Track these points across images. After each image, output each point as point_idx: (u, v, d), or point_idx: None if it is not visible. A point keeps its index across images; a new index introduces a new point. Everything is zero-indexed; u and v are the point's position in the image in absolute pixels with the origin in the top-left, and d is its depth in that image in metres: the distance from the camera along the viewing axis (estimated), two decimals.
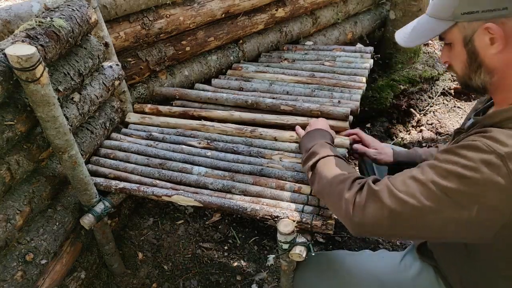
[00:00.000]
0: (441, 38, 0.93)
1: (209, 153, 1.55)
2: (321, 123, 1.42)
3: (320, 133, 1.33)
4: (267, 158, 1.50)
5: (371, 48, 2.28)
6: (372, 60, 2.16)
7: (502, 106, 0.86)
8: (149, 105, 1.87)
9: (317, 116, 1.67)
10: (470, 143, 0.79)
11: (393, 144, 2.37)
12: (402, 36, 1.00)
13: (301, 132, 1.49)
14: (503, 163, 0.74)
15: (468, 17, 0.83)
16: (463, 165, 0.78)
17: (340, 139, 1.52)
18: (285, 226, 1.16)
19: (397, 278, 1.14)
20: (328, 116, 1.66)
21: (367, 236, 0.94)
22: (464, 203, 0.78)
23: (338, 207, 0.96)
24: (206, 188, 1.40)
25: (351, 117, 1.67)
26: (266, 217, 1.25)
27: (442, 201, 0.80)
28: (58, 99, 1.20)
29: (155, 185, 1.43)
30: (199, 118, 1.79)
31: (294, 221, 1.21)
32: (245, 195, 1.36)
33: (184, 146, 1.60)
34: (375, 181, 0.92)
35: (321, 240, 1.92)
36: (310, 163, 1.15)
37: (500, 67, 0.84)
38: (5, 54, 1.00)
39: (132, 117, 1.82)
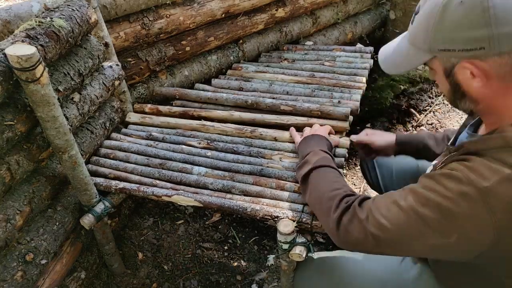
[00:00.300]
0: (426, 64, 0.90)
1: (209, 153, 1.55)
2: (321, 130, 1.43)
3: (316, 139, 1.33)
4: (267, 158, 1.50)
5: (371, 48, 2.27)
6: (372, 60, 2.16)
7: (491, 128, 0.84)
8: (149, 105, 1.87)
9: (318, 116, 1.67)
10: (451, 172, 0.79)
11: None
12: (384, 59, 1.00)
13: (295, 134, 1.50)
14: (481, 197, 0.73)
15: (446, 54, 0.80)
16: (443, 195, 0.78)
17: (341, 139, 1.52)
18: (285, 226, 1.16)
19: (398, 280, 1.14)
20: (328, 116, 1.66)
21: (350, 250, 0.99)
22: (443, 232, 0.79)
23: (325, 223, 1.01)
24: (206, 188, 1.40)
25: (351, 117, 1.67)
26: (266, 217, 1.25)
27: (422, 228, 0.81)
28: (58, 99, 1.20)
29: (155, 185, 1.43)
30: (199, 118, 1.79)
31: (294, 221, 1.21)
32: (245, 195, 1.36)
33: (184, 146, 1.60)
34: (361, 202, 0.94)
35: (321, 240, 1.92)
36: (302, 172, 1.17)
37: (485, 97, 0.82)
38: (5, 54, 1.00)
39: (132, 117, 1.82)
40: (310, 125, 1.57)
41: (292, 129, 1.58)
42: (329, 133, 1.48)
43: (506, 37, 0.71)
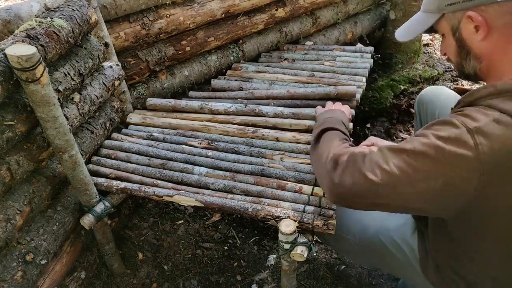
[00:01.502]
0: (436, 31, 0.99)
1: (210, 153, 1.55)
2: (343, 107, 1.48)
3: (337, 113, 1.37)
4: (268, 158, 1.50)
5: (371, 48, 2.27)
6: (372, 60, 2.16)
7: None
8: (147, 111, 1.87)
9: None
10: (446, 119, 0.85)
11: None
12: (399, 31, 1.08)
13: (321, 109, 1.53)
14: (471, 135, 0.78)
15: (451, 7, 0.89)
16: (436, 136, 0.82)
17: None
18: (287, 226, 1.16)
19: (380, 226, 1.22)
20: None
21: (343, 205, 1.01)
22: (430, 174, 0.82)
23: (323, 176, 1.02)
24: (207, 188, 1.40)
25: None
26: (267, 217, 1.25)
27: (411, 173, 0.84)
28: (58, 99, 1.19)
29: (156, 185, 1.42)
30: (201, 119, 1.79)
31: (295, 221, 1.20)
32: (246, 195, 1.36)
33: (185, 146, 1.60)
34: (359, 151, 0.97)
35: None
36: (316, 131, 1.21)
37: (486, 53, 0.88)
38: (5, 54, 0.99)
39: (133, 117, 1.81)
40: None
41: (319, 106, 1.62)
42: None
43: None
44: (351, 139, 1.30)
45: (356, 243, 1.27)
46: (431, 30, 1.00)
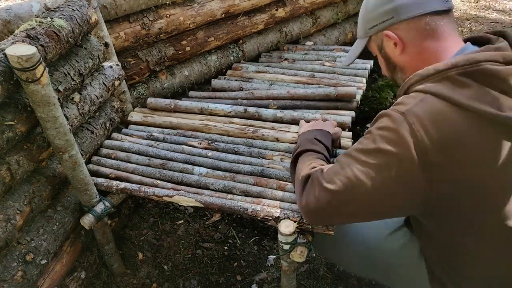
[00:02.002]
0: (371, 53, 1.12)
1: (210, 153, 1.55)
2: (325, 124, 1.46)
3: (317, 131, 1.37)
4: (268, 159, 1.50)
5: None
6: (372, 61, 2.16)
7: None
8: (148, 110, 1.87)
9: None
10: (381, 112, 0.93)
11: None
12: (345, 58, 1.22)
13: (303, 124, 1.52)
14: (404, 117, 0.85)
15: (373, 30, 1.03)
16: (377, 128, 0.90)
17: (342, 140, 1.53)
18: (286, 227, 1.16)
19: (382, 246, 1.22)
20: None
21: (321, 224, 1.08)
22: (383, 163, 0.87)
23: (296, 195, 1.08)
24: (207, 188, 1.40)
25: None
26: (267, 217, 1.25)
27: (365, 166, 0.89)
28: (58, 99, 1.19)
29: (156, 185, 1.42)
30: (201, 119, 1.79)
31: (295, 221, 1.20)
32: (246, 195, 1.36)
33: (185, 147, 1.60)
34: (322, 170, 1.00)
35: None
36: (293, 156, 1.25)
37: (408, 64, 1.01)
38: (5, 54, 0.99)
39: (134, 116, 1.81)
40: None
41: (302, 120, 1.60)
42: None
43: (405, 7, 0.95)
44: (332, 150, 1.32)
45: (357, 257, 1.27)
46: (367, 52, 1.13)
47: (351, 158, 0.93)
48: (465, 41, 0.97)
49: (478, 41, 0.96)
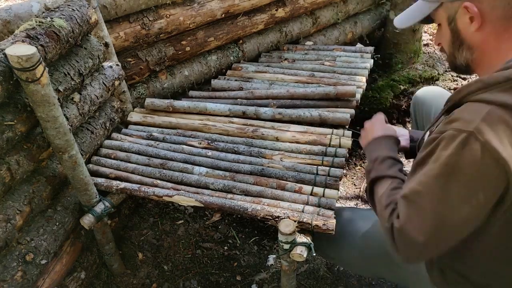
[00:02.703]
0: (433, 20, 1.01)
1: (209, 153, 1.55)
2: (380, 126, 1.33)
3: (382, 142, 1.25)
4: (268, 158, 1.50)
5: (371, 48, 2.27)
6: (372, 60, 2.16)
7: None
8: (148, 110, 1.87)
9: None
10: (443, 135, 0.84)
11: None
12: (398, 18, 1.10)
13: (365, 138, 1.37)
14: (474, 138, 0.78)
15: None
16: (445, 157, 0.81)
17: (342, 139, 1.53)
18: (286, 227, 1.16)
19: (380, 239, 1.15)
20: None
21: (422, 261, 1.03)
22: (465, 193, 0.80)
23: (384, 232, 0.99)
24: (207, 188, 1.40)
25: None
26: (267, 217, 1.25)
27: (449, 201, 0.82)
28: (58, 99, 1.19)
29: (156, 185, 1.42)
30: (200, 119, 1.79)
31: (295, 221, 1.20)
32: (246, 195, 1.36)
33: (184, 146, 1.60)
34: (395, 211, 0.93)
35: None
36: (368, 180, 1.15)
37: (479, 44, 0.91)
38: (5, 54, 0.99)
39: (134, 116, 1.81)
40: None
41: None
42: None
43: None
44: (399, 155, 1.23)
45: (359, 255, 1.26)
46: (428, 19, 1.01)
47: (425, 195, 0.84)
48: None
49: None
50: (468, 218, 0.83)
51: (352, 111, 1.71)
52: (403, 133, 1.42)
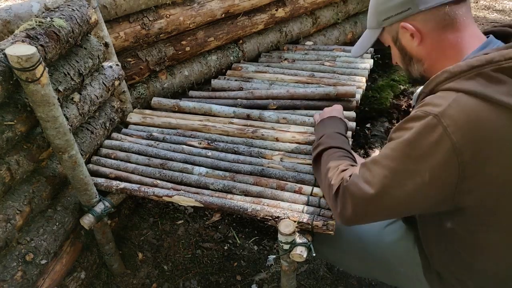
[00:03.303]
0: (383, 44, 1.10)
1: (209, 153, 1.55)
2: (336, 111, 1.47)
3: (332, 121, 1.38)
4: (268, 159, 1.50)
5: (371, 49, 2.27)
6: (372, 60, 2.16)
7: None
8: (147, 111, 1.87)
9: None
10: (412, 115, 0.90)
11: None
12: (353, 49, 1.18)
13: (317, 118, 1.52)
14: (438, 121, 0.83)
15: (388, 21, 1.00)
16: (408, 134, 0.87)
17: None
18: (286, 227, 1.16)
19: (378, 241, 1.23)
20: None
21: (358, 224, 1.05)
22: (415, 169, 0.86)
23: (328, 202, 1.10)
24: (207, 188, 1.40)
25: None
26: (267, 217, 1.25)
27: (398, 173, 0.89)
28: (58, 99, 1.19)
29: (155, 185, 1.42)
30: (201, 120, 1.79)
31: (294, 221, 1.20)
32: (246, 195, 1.36)
33: (184, 146, 1.60)
34: (350, 174, 1.00)
35: None
36: (314, 154, 1.25)
37: (426, 56, 0.99)
38: (5, 54, 0.99)
39: (133, 117, 1.81)
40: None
41: (316, 114, 1.61)
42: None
43: None
44: (350, 140, 1.32)
45: (356, 258, 1.28)
46: (379, 43, 1.10)
47: (381, 165, 0.91)
48: (486, 33, 0.96)
49: (499, 35, 0.95)
50: (411, 193, 0.88)
51: (353, 113, 1.70)
52: None
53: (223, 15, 2.07)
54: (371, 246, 1.23)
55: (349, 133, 1.50)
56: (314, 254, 1.20)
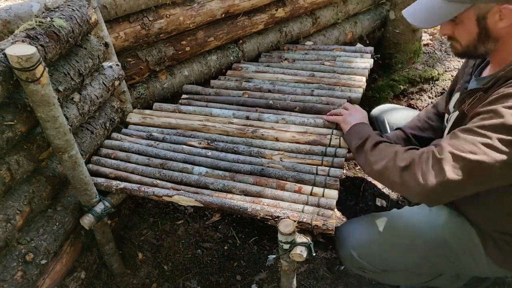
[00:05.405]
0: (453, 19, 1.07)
1: (209, 153, 1.55)
2: (358, 113, 1.52)
3: (364, 127, 1.41)
4: (268, 158, 1.50)
5: (371, 48, 2.27)
6: (372, 60, 2.16)
7: (501, 64, 1.06)
8: (147, 111, 1.87)
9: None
10: (506, 93, 0.94)
11: None
12: (416, 16, 1.13)
13: (339, 119, 1.55)
14: None
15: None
16: (504, 107, 0.92)
17: (342, 140, 1.54)
18: (286, 227, 1.16)
19: (432, 226, 1.24)
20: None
21: (442, 202, 1.08)
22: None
23: (403, 182, 1.07)
24: (207, 188, 1.40)
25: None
26: (266, 217, 1.25)
27: (495, 141, 0.92)
28: (58, 99, 1.20)
29: (155, 185, 1.42)
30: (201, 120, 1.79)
31: (294, 221, 1.20)
32: (245, 195, 1.36)
33: (184, 146, 1.60)
34: (431, 150, 1.03)
35: (321, 240, 1.92)
36: (372, 143, 1.26)
37: (505, 36, 1.02)
38: (5, 54, 0.99)
39: (133, 117, 1.81)
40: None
41: (328, 115, 1.63)
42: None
43: None
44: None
45: (417, 257, 1.27)
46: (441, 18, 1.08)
47: (475, 133, 0.95)
48: None
49: None
50: (506, 163, 0.91)
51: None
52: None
53: (223, 15, 2.07)
54: (427, 232, 1.24)
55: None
56: (314, 254, 1.20)
